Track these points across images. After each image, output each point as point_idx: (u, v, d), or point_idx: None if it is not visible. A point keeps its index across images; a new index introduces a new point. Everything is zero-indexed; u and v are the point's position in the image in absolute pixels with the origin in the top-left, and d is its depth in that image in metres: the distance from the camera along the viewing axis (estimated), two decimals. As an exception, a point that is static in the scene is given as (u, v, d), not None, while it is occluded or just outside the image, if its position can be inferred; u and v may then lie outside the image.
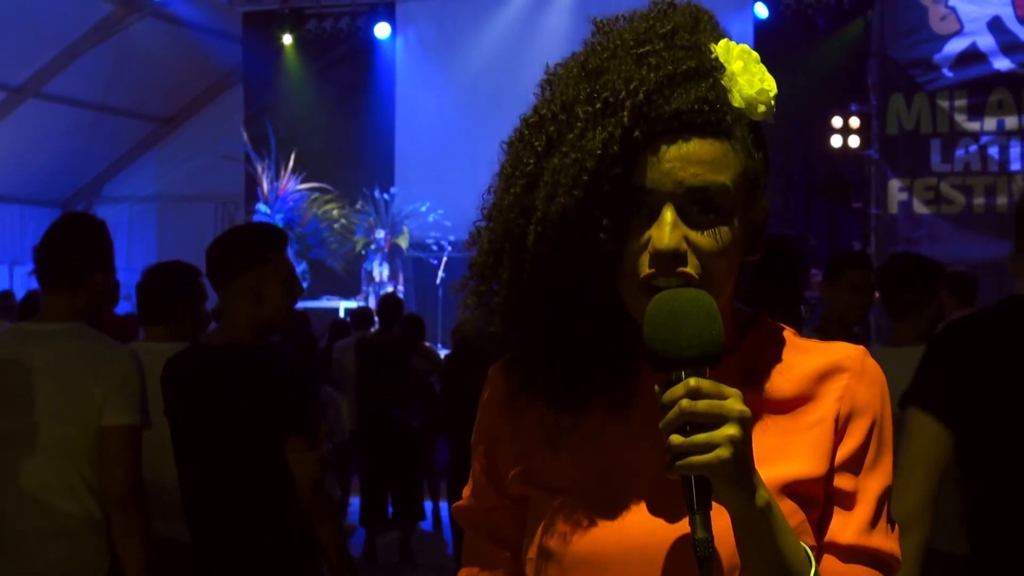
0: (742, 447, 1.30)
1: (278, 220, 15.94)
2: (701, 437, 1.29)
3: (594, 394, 1.52)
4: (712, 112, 1.43)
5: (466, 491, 1.70)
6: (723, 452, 1.29)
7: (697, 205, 1.42)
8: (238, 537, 3.57)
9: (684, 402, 1.30)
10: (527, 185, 1.46)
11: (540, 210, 1.44)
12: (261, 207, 16.28)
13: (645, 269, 1.42)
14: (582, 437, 1.53)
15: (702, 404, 1.30)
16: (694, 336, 1.33)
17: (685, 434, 1.30)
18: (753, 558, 1.38)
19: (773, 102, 1.48)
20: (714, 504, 1.34)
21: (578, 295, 1.48)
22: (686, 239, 1.41)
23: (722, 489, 1.32)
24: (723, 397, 1.31)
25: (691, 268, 1.41)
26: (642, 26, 1.49)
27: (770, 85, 1.47)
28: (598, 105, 1.43)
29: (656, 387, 1.34)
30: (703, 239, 1.42)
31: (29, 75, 17.52)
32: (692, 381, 1.31)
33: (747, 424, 1.31)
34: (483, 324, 1.52)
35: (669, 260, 1.40)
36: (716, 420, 1.30)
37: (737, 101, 1.45)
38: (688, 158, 1.41)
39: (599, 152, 1.41)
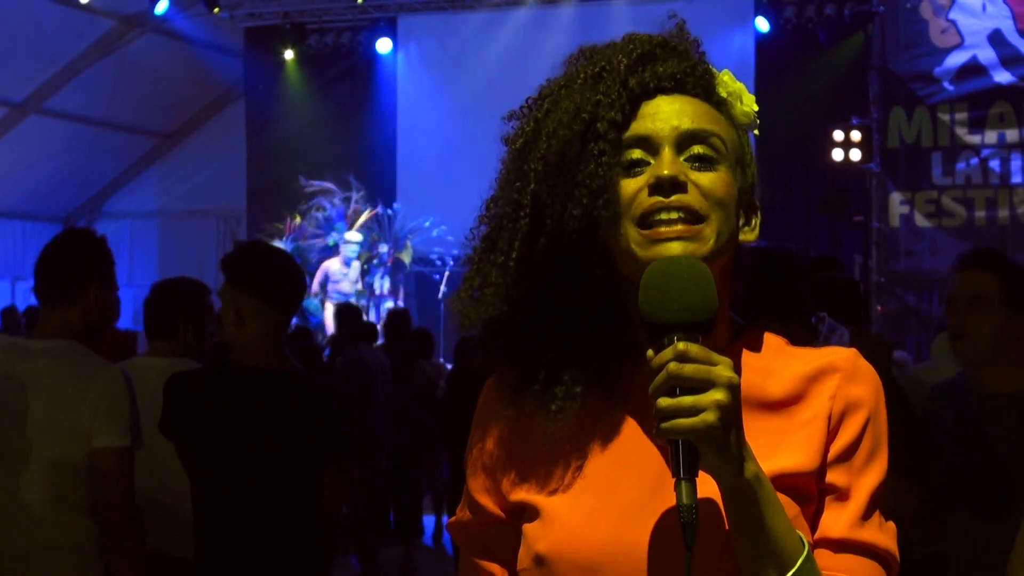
0: (729, 413, 1.32)
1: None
2: (688, 399, 1.31)
3: (586, 392, 1.53)
4: (703, 79, 1.52)
5: (460, 507, 1.70)
6: (709, 416, 1.30)
7: (694, 155, 1.48)
8: (253, 559, 3.56)
9: (672, 365, 1.32)
10: (527, 141, 1.52)
11: (540, 150, 1.49)
12: (349, 235, 16.17)
13: (644, 203, 1.45)
14: (574, 443, 1.54)
15: (689, 367, 1.32)
16: (686, 301, 1.36)
17: (674, 397, 1.32)
18: (741, 533, 1.39)
19: (755, 114, 1.56)
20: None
21: (574, 276, 1.49)
22: (686, 174, 1.47)
23: (708, 456, 1.33)
24: (712, 363, 1.33)
25: (691, 197, 1.45)
26: (631, 34, 1.57)
27: (751, 100, 1.56)
28: (595, 70, 1.51)
29: (649, 352, 1.36)
30: (702, 176, 1.47)
31: (31, 91, 17.55)
32: (681, 345, 1.33)
33: (735, 391, 1.33)
34: (476, 316, 1.54)
35: (670, 187, 1.44)
36: (703, 384, 1.31)
37: (724, 92, 1.54)
38: (684, 111, 1.49)
39: (598, 98, 1.48)
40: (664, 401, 1.32)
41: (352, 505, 8.20)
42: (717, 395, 1.31)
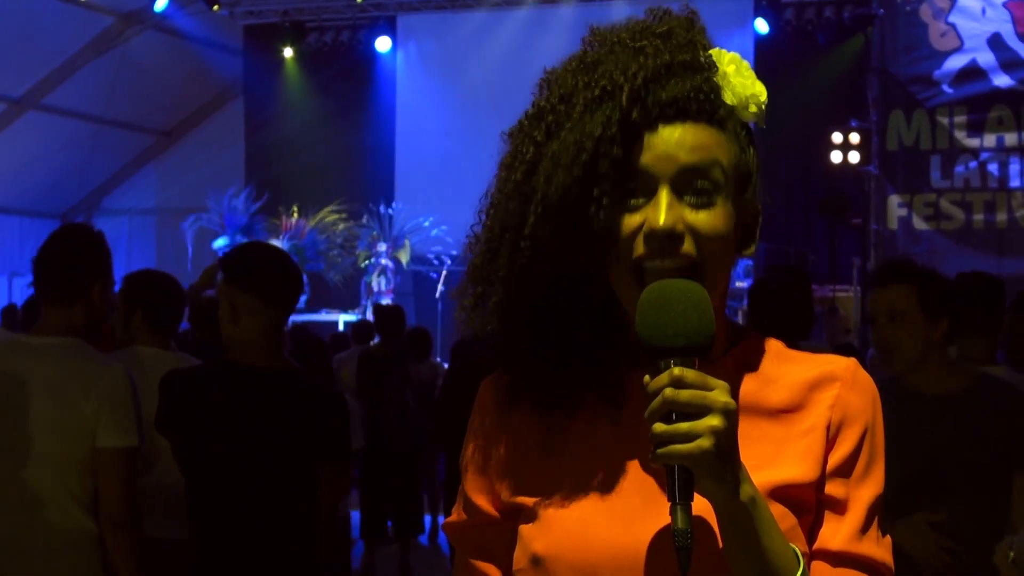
0: (724, 439, 1.31)
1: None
2: (683, 426, 1.30)
3: (585, 394, 1.52)
4: (707, 101, 1.47)
5: (456, 507, 1.69)
6: (704, 442, 1.29)
7: (693, 187, 1.45)
8: (248, 557, 3.56)
9: (668, 391, 1.31)
10: (526, 172, 1.48)
11: (539, 192, 1.45)
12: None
13: (639, 250, 1.43)
14: (573, 442, 1.54)
15: (685, 394, 1.31)
16: (682, 325, 1.35)
17: (670, 423, 1.31)
18: (736, 553, 1.39)
19: (764, 106, 1.52)
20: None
21: (574, 290, 1.49)
22: (683, 221, 1.43)
23: (704, 480, 1.32)
24: (708, 388, 1.32)
25: (688, 247, 1.43)
26: (638, 27, 1.53)
27: (761, 90, 1.52)
28: (596, 92, 1.46)
29: (646, 377, 1.34)
30: (699, 218, 1.44)
31: (29, 87, 17.54)
32: (676, 370, 1.32)
33: (731, 416, 1.32)
34: (478, 325, 1.53)
35: (664, 240, 1.42)
36: (699, 410, 1.30)
37: (730, 99, 1.49)
38: (684, 142, 1.45)
39: (598, 133, 1.43)
40: (660, 427, 1.31)
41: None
42: (713, 421, 1.30)
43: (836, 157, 13.65)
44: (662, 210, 1.42)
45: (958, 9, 13.20)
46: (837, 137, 13.66)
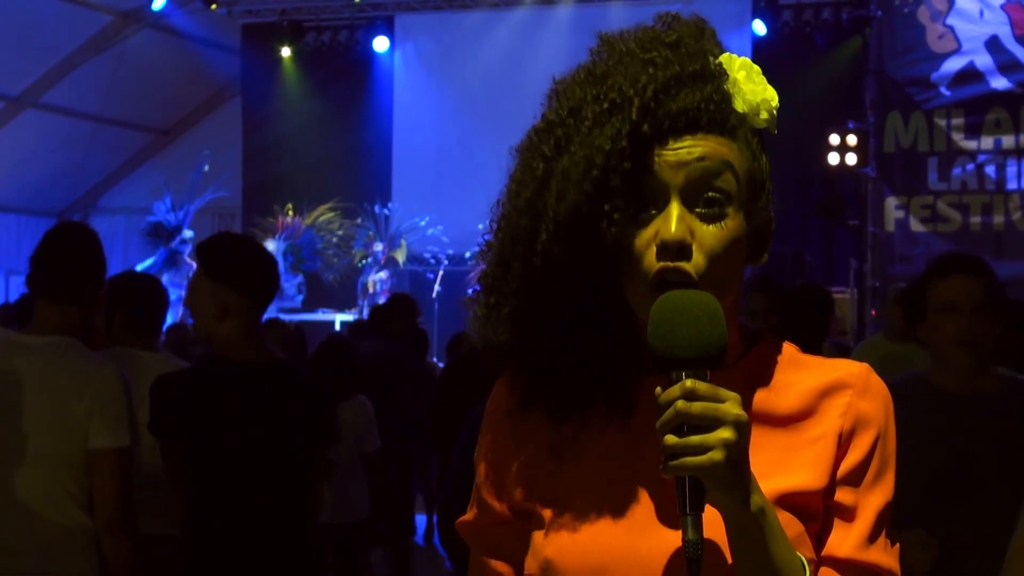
0: (736, 451, 1.31)
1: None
2: (695, 439, 1.30)
3: (597, 402, 1.52)
4: (718, 111, 1.46)
5: (469, 506, 1.69)
6: (716, 455, 1.30)
7: (704, 199, 1.45)
8: (249, 555, 3.56)
9: (680, 403, 1.31)
10: (537, 189, 1.48)
11: (551, 209, 1.45)
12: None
13: (654, 263, 1.43)
14: (585, 448, 1.54)
15: (697, 406, 1.31)
16: (694, 336, 1.34)
17: (681, 435, 1.31)
18: (745, 563, 1.39)
19: (775, 111, 1.52)
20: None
21: (586, 301, 1.49)
22: (692, 233, 1.43)
23: (715, 492, 1.33)
24: (720, 400, 1.32)
25: (692, 265, 1.42)
26: (647, 35, 1.52)
27: (772, 95, 1.51)
28: (605, 105, 1.45)
29: (657, 388, 1.35)
30: (708, 232, 1.44)
31: (27, 85, 17.54)
32: (688, 382, 1.32)
33: (743, 428, 1.32)
34: (491, 336, 1.53)
35: (676, 251, 1.42)
36: (711, 422, 1.31)
37: (740, 106, 1.49)
38: (694, 153, 1.44)
39: (608, 148, 1.43)
40: (671, 439, 1.31)
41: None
42: (724, 434, 1.30)
43: (833, 159, 13.63)
44: (673, 220, 1.42)
45: (956, 11, 13.21)
46: (834, 139, 13.64)
